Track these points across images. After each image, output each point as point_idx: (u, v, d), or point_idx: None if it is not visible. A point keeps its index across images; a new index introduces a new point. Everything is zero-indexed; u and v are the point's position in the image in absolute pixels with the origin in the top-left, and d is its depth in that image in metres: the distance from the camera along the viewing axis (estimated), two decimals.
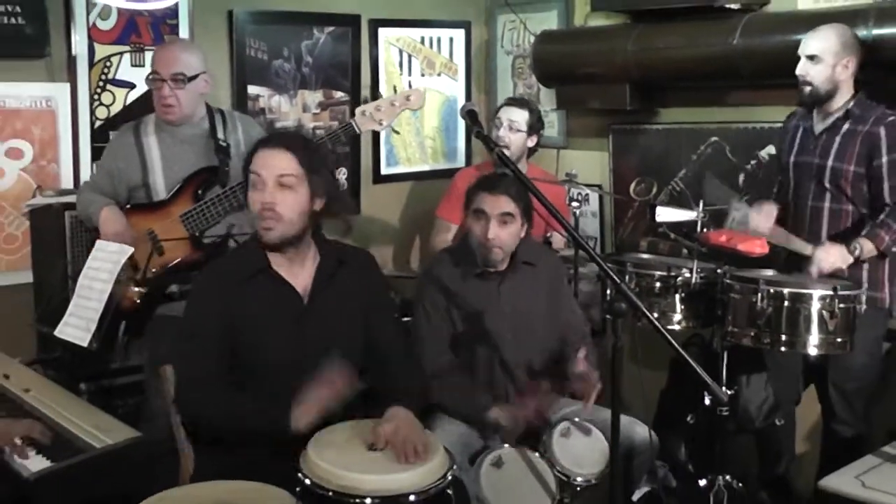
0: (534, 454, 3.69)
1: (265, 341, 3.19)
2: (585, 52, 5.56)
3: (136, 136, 4.24)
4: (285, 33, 5.62)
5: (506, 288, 3.95)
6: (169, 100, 4.12)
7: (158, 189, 4.19)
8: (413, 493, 2.78)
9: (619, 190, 5.68)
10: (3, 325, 4.66)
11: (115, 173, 4.22)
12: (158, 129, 4.24)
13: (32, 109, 4.86)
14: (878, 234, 4.04)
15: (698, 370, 3.02)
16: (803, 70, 4.19)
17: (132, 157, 4.21)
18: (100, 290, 4.00)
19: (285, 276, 3.24)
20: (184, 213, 4.10)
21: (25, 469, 3.14)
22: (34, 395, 3.70)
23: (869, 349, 4.23)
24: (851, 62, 4.16)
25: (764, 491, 4.65)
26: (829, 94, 4.19)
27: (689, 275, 4.25)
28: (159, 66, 4.14)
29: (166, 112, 4.16)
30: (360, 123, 4.11)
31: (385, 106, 4.14)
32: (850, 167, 4.13)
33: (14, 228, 4.85)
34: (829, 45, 4.14)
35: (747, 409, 4.54)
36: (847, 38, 4.17)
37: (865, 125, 4.13)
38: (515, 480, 3.61)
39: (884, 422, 4.37)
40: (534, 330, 3.96)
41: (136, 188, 4.21)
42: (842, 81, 4.18)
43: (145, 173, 4.19)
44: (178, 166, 4.18)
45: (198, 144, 4.24)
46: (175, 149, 4.22)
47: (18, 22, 4.70)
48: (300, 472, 2.82)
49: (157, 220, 4.13)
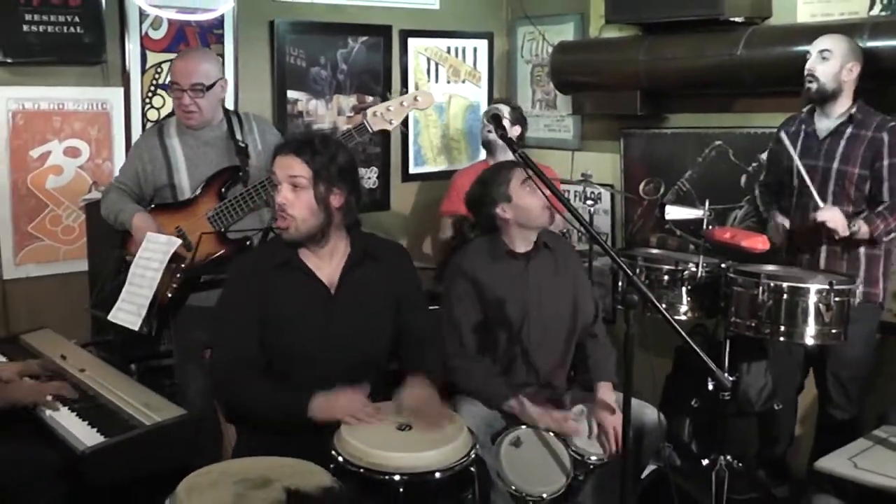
0: (550, 434, 3.68)
1: (293, 330, 3.18)
2: (599, 61, 5.54)
3: (161, 138, 4.21)
4: (322, 42, 5.62)
5: (533, 266, 3.90)
6: (190, 107, 4.11)
7: (184, 188, 4.16)
8: (438, 471, 2.77)
9: (629, 189, 5.66)
10: (61, 310, 4.69)
11: (141, 174, 4.18)
12: (181, 132, 4.21)
13: (89, 112, 4.88)
14: (874, 221, 4.03)
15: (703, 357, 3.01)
16: (812, 66, 4.16)
17: (158, 159, 4.17)
18: (150, 278, 4.00)
19: (312, 268, 3.22)
20: (210, 210, 4.08)
21: (80, 443, 3.14)
22: (89, 374, 3.71)
23: (864, 341, 4.22)
24: (856, 68, 4.13)
25: (762, 470, 4.62)
26: (834, 93, 4.15)
27: (695, 269, 4.23)
28: (179, 77, 4.10)
29: (188, 118, 4.14)
30: (372, 123, 4.04)
31: (395, 106, 4.08)
32: (855, 170, 4.09)
33: (71, 221, 4.87)
34: (839, 46, 4.13)
35: (747, 394, 4.51)
36: (854, 45, 4.16)
37: (869, 130, 4.10)
38: (533, 459, 3.60)
39: (875, 408, 4.34)
40: (557, 308, 3.92)
41: (162, 188, 4.18)
42: (845, 83, 4.14)
43: (171, 174, 4.16)
44: (202, 167, 4.15)
45: (219, 146, 4.21)
46: (198, 150, 4.19)
47: (77, 31, 4.71)
48: (334, 450, 2.82)
49: (184, 219, 4.11)
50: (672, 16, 5.02)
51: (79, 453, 3.10)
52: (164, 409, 3.38)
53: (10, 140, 4.67)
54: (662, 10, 5.05)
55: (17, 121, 4.68)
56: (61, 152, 4.83)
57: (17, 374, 3.58)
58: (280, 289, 3.18)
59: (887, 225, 4.03)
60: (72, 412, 3.38)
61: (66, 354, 3.90)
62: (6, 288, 4.73)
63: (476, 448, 2.92)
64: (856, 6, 4.61)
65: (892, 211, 4.04)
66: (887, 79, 4.30)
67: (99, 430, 3.23)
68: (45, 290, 4.79)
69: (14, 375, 3.57)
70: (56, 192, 4.83)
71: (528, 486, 3.54)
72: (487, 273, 3.85)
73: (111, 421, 3.31)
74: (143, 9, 4.94)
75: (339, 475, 2.69)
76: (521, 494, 3.53)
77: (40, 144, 4.77)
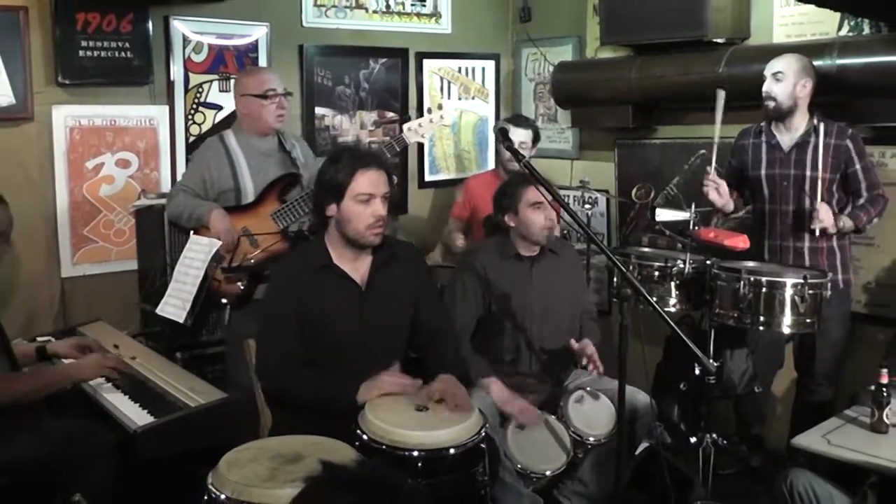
0: (552, 417, 3.68)
1: (331, 323, 3.18)
2: (595, 79, 5.53)
3: (225, 149, 4.24)
4: (346, 64, 5.62)
5: (537, 270, 3.92)
6: (284, 109, 4.28)
7: (248, 192, 4.20)
8: (453, 447, 2.77)
9: (622, 194, 5.64)
10: (114, 305, 4.71)
11: (207, 179, 4.20)
12: (241, 143, 4.25)
13: (138, 127, 4.89)
14: (858, 215, 4.08)
15: (690, 345, 3.02)
16: (768, 87, 4.16)
17: (223, 166, 4.21)
18: (194, 276, 4.01)
19: (346, 269, 3.23)
20: (274, 211, 4.12)
21: (133, 422, 3.17)
22: (139, 361, 3.74)
23: (842, 323, 4.28)
24: (808, 83, 4.12)
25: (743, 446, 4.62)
26: (790, 110, 4.15)
27: (683, 265, 4.23)
28: (275, 83, 4.26)
29: (280, 120, 4.29)
30: (408, 137, 4.25)
31: (425, 123, 4.30)
32: (826, 175, 4.08)
33: (123, 225, 4.88)
34: (791, 66, 4.12)
35: (730, 379, 4.49)
36: (804, 63, 4.14)
37: (832, 138, 4.09)
38: (537, 439, 3.64)
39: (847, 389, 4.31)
40: (558, 308, 3.93)
41: (226, 192, 4.21)
42: (800, 99, 4.14)
43: (236, 178, 4.20)
44: (263, 173, 4.20)
45: (274, 156, 4.29)
46: (259, 159, 4.24)
47: (128, 56, 4.73)
48: (359, 429, 2.82)
49: (248, 219, 4.13)
50: (661, 38, 5.01)
51: (131, 431, 3.14)
52: (207, 392, 3.40)
53: (67, 153, 4.69)
54: (652, 32, 5.05)
55: (73, 136, 4.69)
56: (113, 163, 4.84)
57: (73, 348, 3.61)
58: (321, 289, 3.19)
59: (869, 216, 4.10)
60: (124, 395, 3.42)
61: (118, 344, 3.93)
62: (64, 285, 4.74)
63: (486, 427, 2.92)
64: (826, 27, 4.60)
65: (872, 203, 4.11)
66: (854, 93, 4.29)
67: (149, 410, 3.27)
68: (99, 287, 4.79)
69: (71, 350, 3.59)
70: (108, 199, 4.84)
71: (533, 465, 3.56)
72: (495, 270, 3.86)
73: (160, 403, 3.34)
74: (186, 35, 4.96)
75: (364, 451, 2.69)
76: (527, 472, 3.55)
77: (94, 157, 4.78)
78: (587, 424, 3.69)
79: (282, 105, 4.26)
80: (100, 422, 3.30)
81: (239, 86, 4.35)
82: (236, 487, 2.41)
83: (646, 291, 3.10)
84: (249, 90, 4.25)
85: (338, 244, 3.22)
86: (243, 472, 2.47)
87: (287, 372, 3.11)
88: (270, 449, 2.63)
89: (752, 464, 4.54)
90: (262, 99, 4.22)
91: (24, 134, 4.56)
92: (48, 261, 4.70)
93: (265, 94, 4.22)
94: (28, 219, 4.57)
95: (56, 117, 4.63)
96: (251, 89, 4.25)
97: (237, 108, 4.37)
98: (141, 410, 3.27)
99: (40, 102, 4.56)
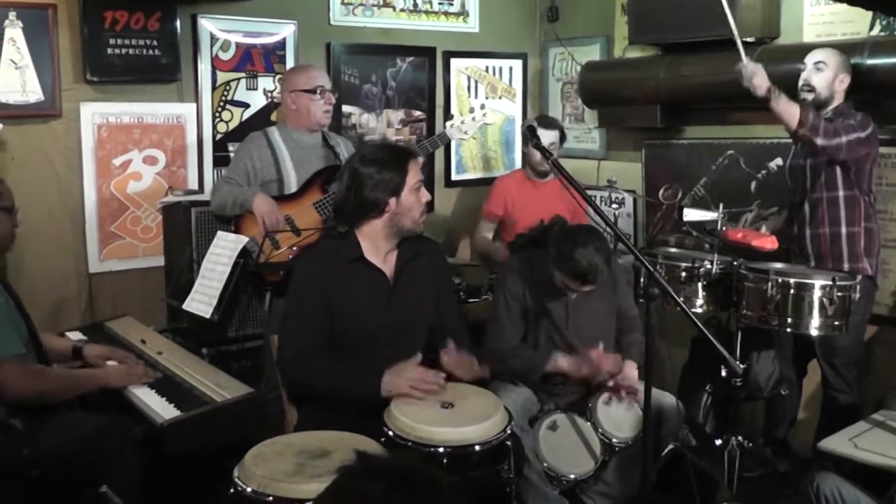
0: (582, 419, 3.70)
1: (360, 316, 3.20)
2: (623, 79, 5.53)
3: (268, 141, 4.35)
4: (373, 62, 5.65)
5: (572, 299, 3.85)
6: (331, 105, 4.40)
7: (291, 183, 4.29)
8: (478, 444, 2.78)
9: (650, 194, 5.64)
10: (141, 300, 4.77)
11: (251, 171, 4.29)
12: (285, 137, 4.36)
13: (165, 125, 4.93)
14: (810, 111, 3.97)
15: (717, 346, 3.01)
16: (808, 76, 4.14)
17: (267, 158, 4.30)
18: (220, 272, 4.05)
19: (375, 263, 3.26)
20: (316, 201, 4.21)
21: (160, 416, 3.20)
22: (166, 356, 3.77)
23: (851, 331, 4.13)
24: (846, 79, 4.11)
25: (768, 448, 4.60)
26: (827, 101, 4.13)
27: (710, 266, 4.21)
28: (323, 81, 4.39)
29: (327, 116, 4.41)
30: (451, 134, 4.48)
31: (468, 120, 4.53)
32: None
33: (150, 221, 4.93)
34: (832, 58, 4.12)
35: (757, 381, 4.47)
36: (844, 58, 4.13)
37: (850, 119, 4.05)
38: (567, 441, 3.66)
39: (874, 393, 4.30)
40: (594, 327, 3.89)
41: (269, 182, 4.29)
42: (837, 93, 4.13)
43: (279, 170, 4.30)
44: (306, 166, 4.30)
45: (317, 151, 4.40)
46: (301, 152, 4.34)
47: (155, 53, 4.78)
48: (385, 426, 2.84)
49: (291, 208, 4.22)
50: (689, 37, 5.01)
51: (158, 425, 3.16)
52: (233, 387, 3.43)
53: (95, 150, 4.74)
54: (680, 31, 5.05)
55: (101, 133, 4.74)
56: (140, 161, 4.89)
57: (102, 358, 3.64)
58: (351, 281, 3.21)
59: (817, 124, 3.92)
60: (151, 389, 3.44)
61: (145, 339, 3.96)
62: (92, 281, 4.79)
63: (511, 425, 2.93)
64: (857, 26, 4.58)
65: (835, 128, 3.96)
66: (885, 93, 4.27)
67: (175, 405, 3.30)
68: (126, 283, 4.84)
69: (100, 360, 3.62)
70: (136, 196, 4.89)
71: (561, 467, 3.58)
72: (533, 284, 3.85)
73: (186, 397, 3.37)
74: (214, 33, 5.00)
75: (390, 448, 2.71)
76: (554, 474, 3.56)
77: (122, 154, 4.83)
78: (615, 427, 3.69)
79: (329, 101, 4.37)
80: (127, 416, 3.33)
81: (288, 82, 4.43)
82: (262, 481, 2.44)
83: (673, 292, 3.10)
84: (299, 86, 4.34)
85: (378, 238, 3.26)
86: (269, 467, 2.49)
87: (308, 363, 3.13)
88: (297, 444, 2.66)
89: (778, 467, 4.53)
90: (312, 94, 4.32)
91: (52, 131, 4.61)
92: (76, 257, 4.75)
93: (315, 90, 4.32)
94: (56, 215, 4.63)
95: (84, 114, 4.68)
96: (301, 85, 4.34)
97: (285, 104, 4.45)
98: (168, 404, 3.30)
99: (68, 100, 4.62)
